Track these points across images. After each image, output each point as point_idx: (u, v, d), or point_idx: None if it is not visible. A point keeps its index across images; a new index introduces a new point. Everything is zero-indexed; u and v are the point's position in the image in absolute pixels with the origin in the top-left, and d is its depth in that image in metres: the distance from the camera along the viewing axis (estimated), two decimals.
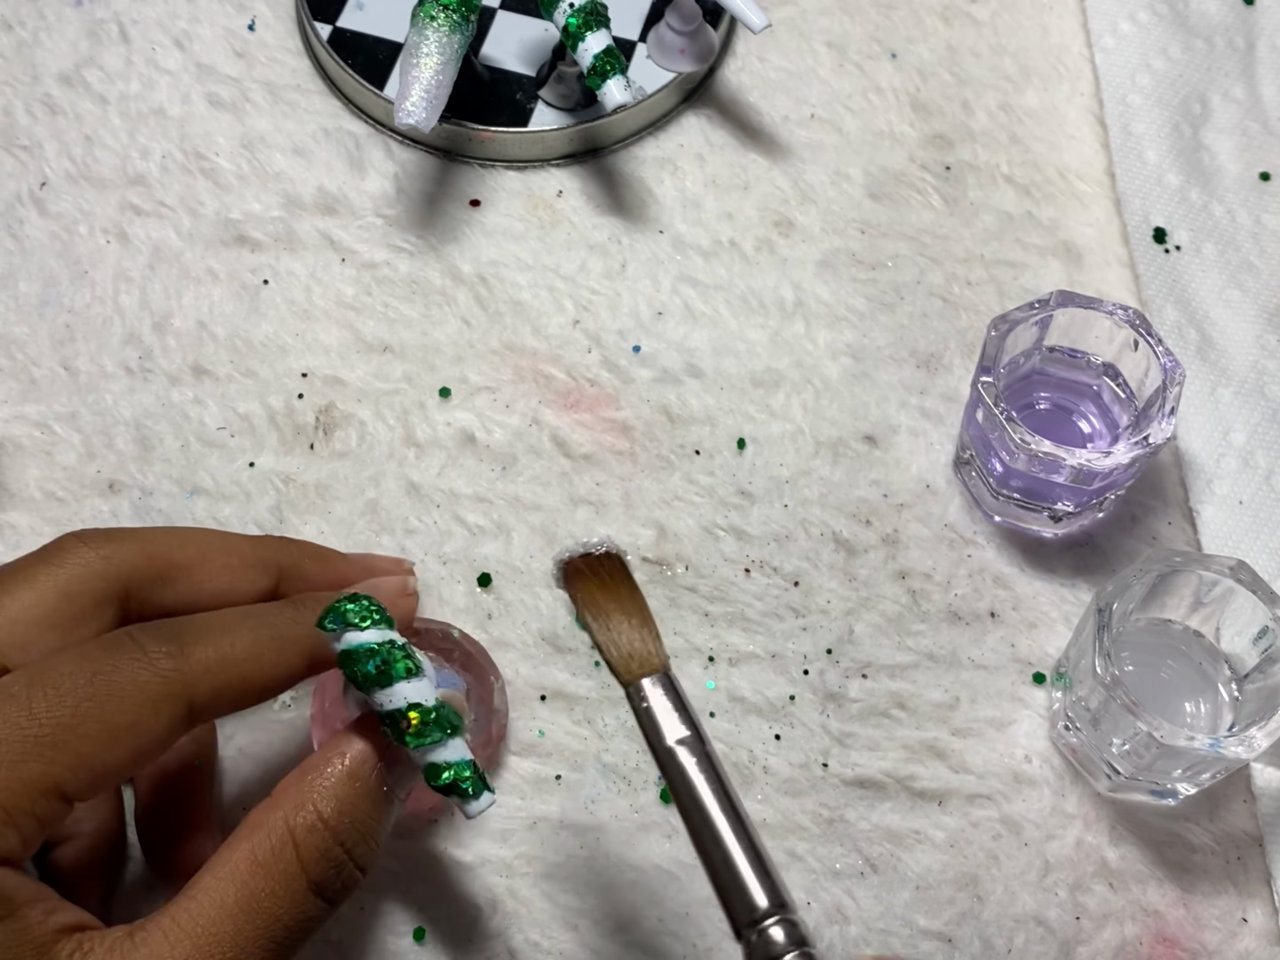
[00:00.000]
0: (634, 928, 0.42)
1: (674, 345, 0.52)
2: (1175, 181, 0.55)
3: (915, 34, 0.59)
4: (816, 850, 0.44)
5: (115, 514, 0.48)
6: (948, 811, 0.44)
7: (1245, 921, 0.43)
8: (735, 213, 0.55)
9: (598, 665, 0.46)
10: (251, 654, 0.34)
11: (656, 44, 0.55)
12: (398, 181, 0.55)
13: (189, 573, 0.37)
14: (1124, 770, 0.42)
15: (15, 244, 0.53)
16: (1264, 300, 0.52)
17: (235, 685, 0.34)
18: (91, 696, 0.32)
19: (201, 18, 0.58)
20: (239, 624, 0.35)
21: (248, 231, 0.53)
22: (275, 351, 0.51)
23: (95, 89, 0.56)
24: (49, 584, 0.35)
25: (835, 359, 0.52)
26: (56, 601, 0.35)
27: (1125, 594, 0.41)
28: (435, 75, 0.49)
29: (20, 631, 0.34)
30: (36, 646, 0.34)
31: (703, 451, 0.50)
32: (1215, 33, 0.58)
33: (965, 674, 0.46)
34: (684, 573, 0.48)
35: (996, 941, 0.43)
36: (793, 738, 0.45)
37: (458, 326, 0.52)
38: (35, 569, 0.36)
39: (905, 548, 0.48)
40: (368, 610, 0.34)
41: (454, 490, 0.49)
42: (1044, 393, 0.49)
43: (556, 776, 0.44)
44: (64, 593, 0.35)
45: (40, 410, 0.50)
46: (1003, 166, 0.56)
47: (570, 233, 0.54)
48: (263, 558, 0.39)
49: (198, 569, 0.38)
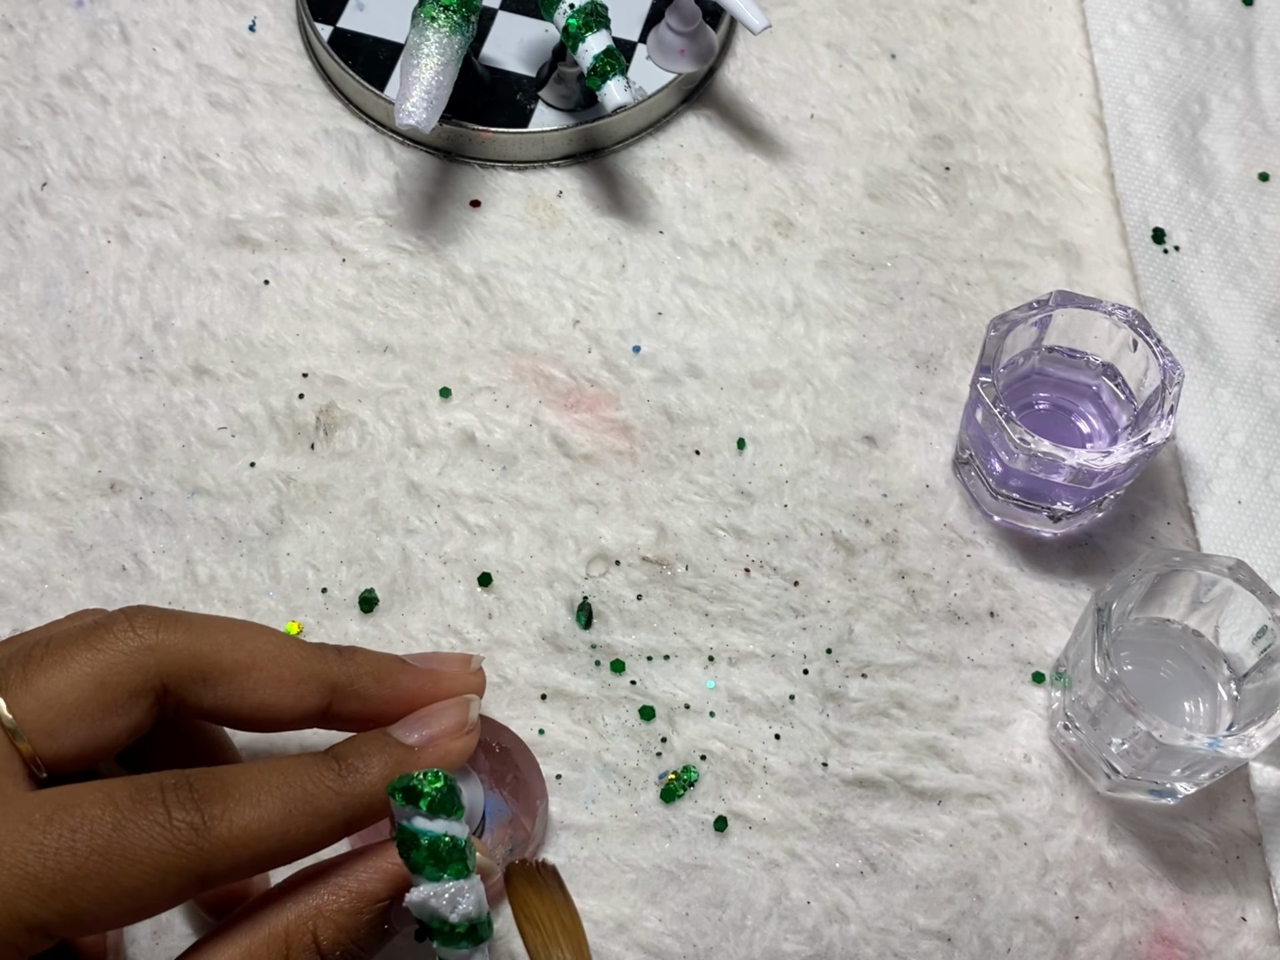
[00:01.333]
0: (634, 928, 0.42)
1: (674, 345, 0.52)
2: (1174, 182, 0.55)
3: (915, 35, 0.59)
4: (816, 850, 0.44)
5: (116, 514, 0.48)
6: (947, 811, 0.44)
7: (1244, 921, 0.43)
8: (735, 213, 0.55)
9: (598, 665, 0.46)
10: (280, 828, 0.33)
11: (656, 45, 0.55)
12: (398, 182, 0.55)
13: (234, 679, 0.36)
14: (1123, 769, 0.42)
15: (16, 244, 0.53)
16: (1263, 300, 0.52)
17: (255, 861, 0.33)
18: (105, 852, 0.30)
19: (202, 18, 0.58)
20: (273, 789, 0.33)
21: (248, 232, 0.53)
22: (276, 351, 0.51)
23: (96, 89, 0.56)
24: (86, 670, 0.34)
25: (835, 359, 0.52)
26: (91, 690, 0.34)
27: (1124, 594, 0.42)
28: (436, 76, 0.49)
29: (50, 718, 0.33)
30: (64, 735, 0.33)
31: (703, 451, 0.50)
32: (1214, 33, 0.58)
33: (965, 674, 0.46)
34: (684, 573, 0.48)
35: (996, 941, 0.43)
36: (793, 737, 0.45)
37: (458, 326, 0.52)
38: (75, 650, 0.34)
39: (905, 547, 0.48)
40: (444, 800, 0.32)
41: (454, 490, 0.49)
42: (1043, 393, 0.49)
43: (557, 776, 0.44)
44: (100, 682, 0.34)
45: (41, 410, 0.50)
46: (1002, 167, 0.56)
47: (570, 233, 0.54)
48: (316, 673, 0.37)
49: (244, 676, 0.36)
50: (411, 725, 0.37)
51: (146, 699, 0.35)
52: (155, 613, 0.36)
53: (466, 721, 0.37)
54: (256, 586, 0.47)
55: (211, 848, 0.32)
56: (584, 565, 0.48)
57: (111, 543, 0.47)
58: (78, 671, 0.34)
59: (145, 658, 0.34)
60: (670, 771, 0.45)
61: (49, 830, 0.30)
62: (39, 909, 0.30)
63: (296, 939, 0.33)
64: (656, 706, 0.45)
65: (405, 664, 0.39)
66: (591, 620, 0.47)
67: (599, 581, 0.47)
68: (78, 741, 0.34)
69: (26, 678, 0.34)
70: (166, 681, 0.35)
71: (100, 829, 0.31)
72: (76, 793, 0.32)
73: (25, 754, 0.33)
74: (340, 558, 0.48)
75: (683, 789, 0.44)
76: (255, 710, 0.36)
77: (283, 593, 0.47)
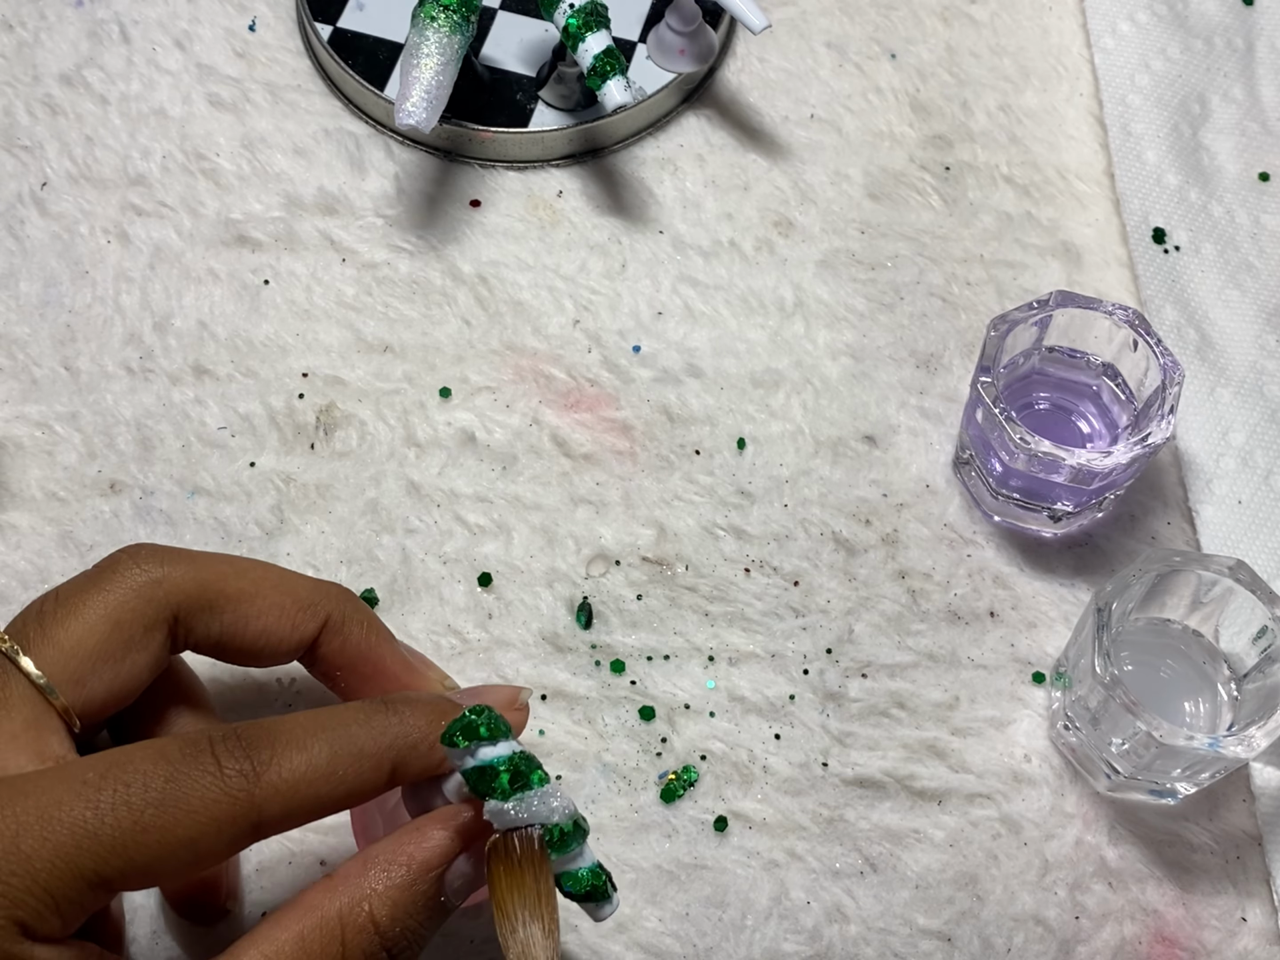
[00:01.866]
0: (634, 928, 0.42)
1: (674, 345, 0.52)
2: (1174, 182, 0.55)
3: (915, 34, 0.59)
4: (816, 850, 0.44)
5: (116, 514, 0.48)
6: (947, 811, 0.44)
7: (1244, 921, 0.43)
8: (735, 213, 0.55)
9: (598, 665, 0.46)
10: (327, 771, 0.33)
11: (656, 44, 0.55)
12: (398, 182, 0.55)
13: (238, 606, 0.37)
14: (1123, 770, 0.42)
15: (16, 244, 0.53)
16: (1263, 300, 0.52)
17: (306, 806, 0.33)
18: (159, 804, 0.31)
19: (202, 18, 0.58)
20: (319, 734, 0.33)
21: (248, 231, 0.53)
22: (276, 351, 0.51)
23: (96, 89, 0.56)
24: (100, 612, 0.35)
25: (835, 359, 0.52)
26: (108, 630, 0.35)
27: (1124, 594, 0.42)
28: (436, 76, 0.49)
29: (75, 667, 0.34)
30: (90, 679, 0.34)
31: (703, 451, 0.50)
32: (1214, 33, 0.58)
33: (965, 674, 0.46)
34: (684, 572, 0.48)
35: (996, 941, 0.43)
36: (793, 737, 0.45)
37: (458, 326, 0.52)
38: (86, 594, 0.35)
39: (905, 547, 0.48)
40: (496, 723, 0.33)
41: (454, 490, 0.49)
42: (1043, 393, 0.49)
43: (557, 776, 0.44)
44: (115, 621, 0.35)
45: (41, 410, 0.50)
46: (1002, 167, 0.56)
47: (570, 233, 0.54)
48: (315, 603, 0.38)
49: (248, 603, 0.37)
50: (460, 696, 0.37)
51: (160, 631, 0.36)
52: (157, 548, 0.37)
53: (517, 699, 0.38)
54: None
55: (263, 794, 0.32)
56: (584, 565, 0.48)
57: (111, 543, 0.47)
58: (92, 615, 0.35)
59: (154, 590, 0.36)
60: (670, 771, 0.45)
61: (104, 787, 0.31)
62: (100, 865, 0.30)
63: (351, 921, 0.33)
64: (656, 706, 0.45)
65: (394, 638, 0.40)
66: (591, 620, 0.47)
67: (599, 581, 0.47)
68: (105, 684, 0.35)
69: (44, 632, 0.35)
70: (176, 612, 0.36)
71: (154, 782, 0.31)
72: (127, 751, 0.32)
73: (59, 709, 0.34)
74: (340, 557, 0.48)
75: (683, 789, 0.44)
76: (258, 637, 0.37)
77: None
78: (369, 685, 0.39)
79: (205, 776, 0.31)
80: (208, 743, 0.32)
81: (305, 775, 0.33)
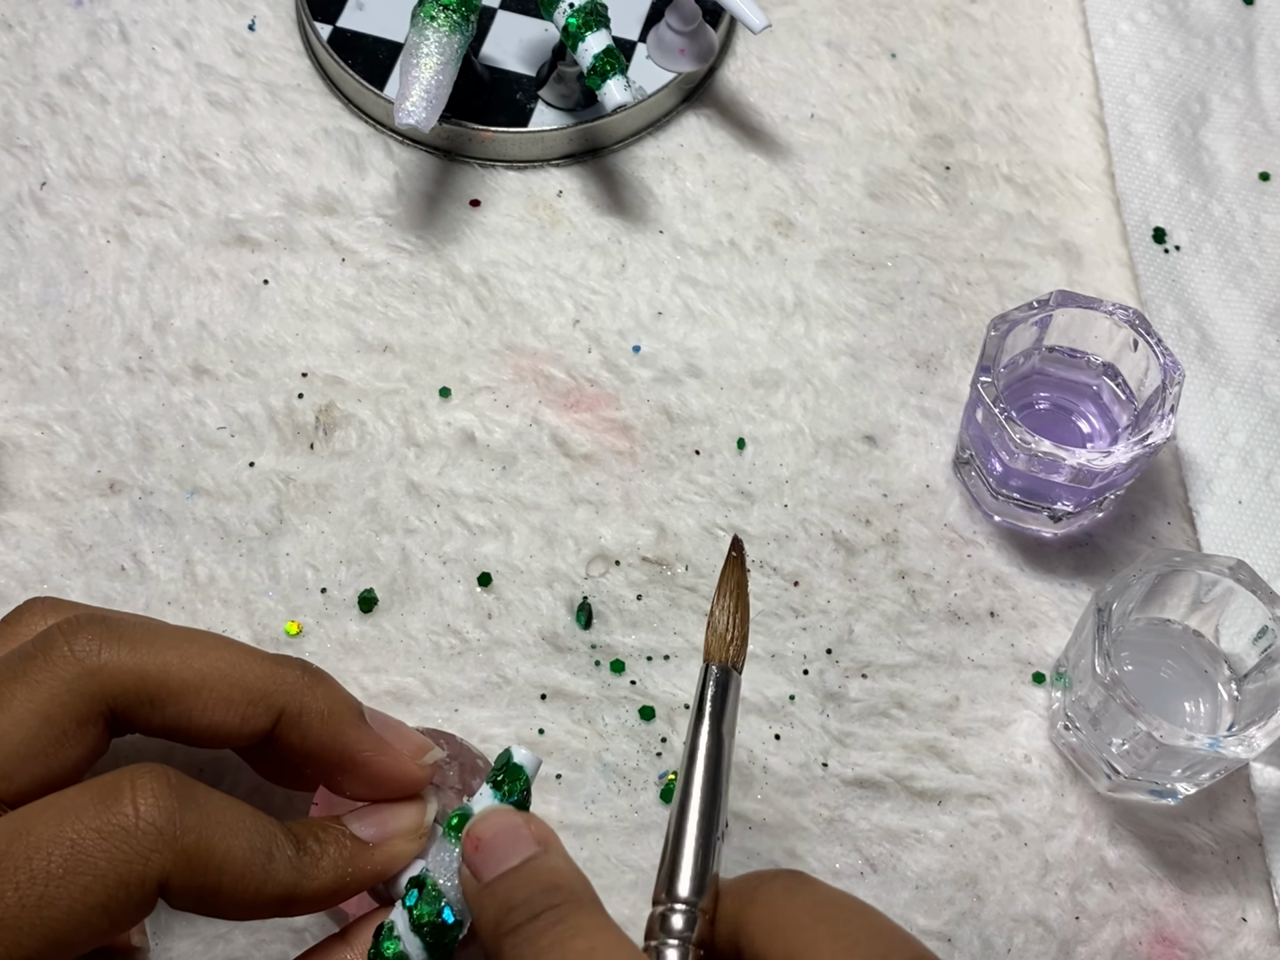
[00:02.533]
0: (634, 928, 0.42)
1: (674, 345, 0.52)
2: (1175, 181, 0.55)
3: (915, 34, 0.59)
4: (816, 850, 0.44)
5: (115, 514, 0.48)
6: (947, 811, 0.44)
7: (1245, 921, 0.43)
8: (735, 213, 0.55)
9: (598, 665, 0.46)
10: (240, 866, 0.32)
11: (656, 44, 0.55)
12: (398, 181, 0.55)
13: (181, 699, 0.34)
14: (1124, 770, 0.42)
15: (15, 244, 0.53)
16: (1263, 300, 0.52)
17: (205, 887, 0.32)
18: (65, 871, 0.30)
19: (201, 18, 0.58)
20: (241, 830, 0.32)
21: (248, 231, 0.53)
22: (275, 351, 0.51)
23: (95, 89, 0.56)
24: (28, 707, 0.32)
25: (835, 359, 0.52)
26: (37, 727, 0.32)
27: (1125, 594, 0.41)
28: (435, 75, 0.49)
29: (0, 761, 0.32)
30: (18, 775, 0.32)
31: (703, 451, 0.50)
32: (1215, 33, 0.58)
33: (965, 674, 0.46)
34: (684, 573, 0.48)
35: (996, 941, 0.43)
36: (793, 737, 0.45)
37: (458, 326, 0.52)
38: (13, 688, 0.33)
39: (905, 547, 0.48)
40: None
41: (454, 490, 0.49)
42: (1044, 393, 0.49)
43: (557, 776, 0.44)
44: (44, 717, 0.32)
45: (40, 410, 0.50)
46: (1002, 166, 0.56)
47: (570, 233, 0.54)
48: (269, 695, 0.35)
49: (193, 697, 0.34)
50: (368, 819, 0.36)
51: (96, 725, 0.33)
52: (96, 630, 0.34)
53: (422, 825, 0.36)
54: (256, 586, 0.47)
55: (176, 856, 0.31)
56: (584, 565, 0.48)
57: (111, 543, 0.47)
58: (19, 709, 0.32)
59: (87, 684, 0.33)
60: (670, 771, 0.45)
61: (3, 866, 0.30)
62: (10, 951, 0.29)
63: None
64: (656, 706, 0.45)
65: (360, 720, 0.36)
66: (591, 620, 0.47)
67: (599, 581, 0.47)
68: (34, 778, 0.32)
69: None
70: (114, 705, 0.33)
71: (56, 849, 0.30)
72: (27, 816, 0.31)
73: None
74: (340, 557, 0.48)
75: None
76: (203, 731, 0.34)
77: (282, 593, 0.47)
78: (339, 774, 0.36)
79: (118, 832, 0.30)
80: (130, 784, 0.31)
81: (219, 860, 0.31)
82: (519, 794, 0.35)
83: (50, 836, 0.30)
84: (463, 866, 0.33)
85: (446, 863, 0.34)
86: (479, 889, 0.33)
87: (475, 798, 0.35)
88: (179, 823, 0.31)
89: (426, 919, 0.33)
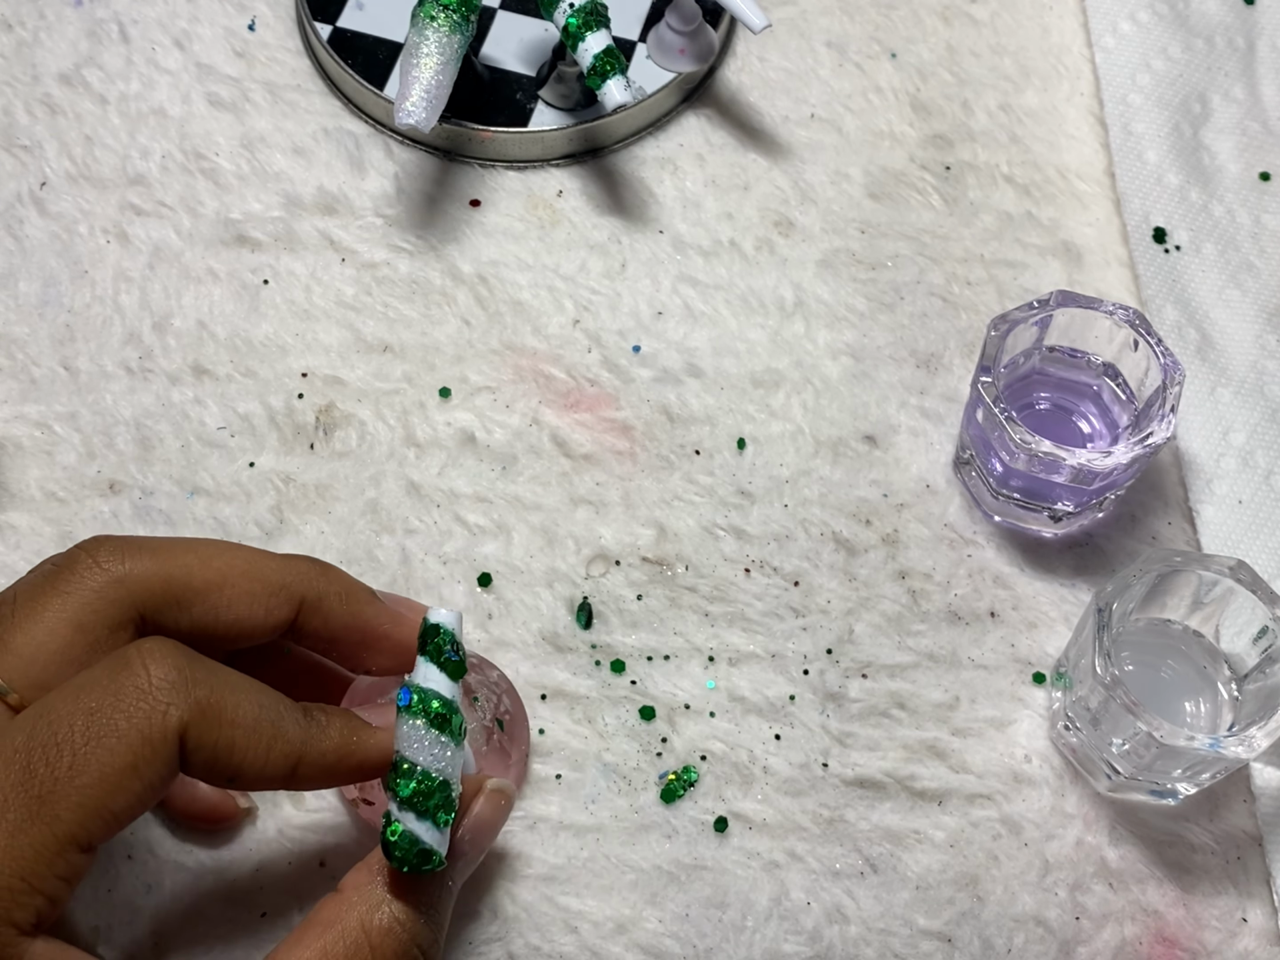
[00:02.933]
0: (634, 928, 0.42)
1: (674, 345, 0.52)
2: (1175, 181, 0.55)
3: (915, 34, 0.59)
4: (816, 850, 0.44)
5: (115, 514, 0.48)
6: (948, 811, 0.44)
7: (1245, 921, 0.43)
8: (735, 213, 0.55)
9: (598, 665, 0.46)
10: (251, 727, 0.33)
11: (656, 44, 0.55)
12: (398, 181, 0.55)
13: (206, 598, 0.35)
14: (1124, 770, 0.42)
15: (15, 244, 0.53)
16: (1264, 300, 0.52)
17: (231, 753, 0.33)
18: (88, 739, 0.30)
19: (201, 18, 0.58)
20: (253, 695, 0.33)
21: (248, 231, 0.53)
22: (275, 351, 0.51)
23: (95, 89, 0.56)
24: (60, 616, 0.34)
25: (835, 359, 0.52)
26: (69, 635, 0.33)
27: (1125, 594, 0.41)
28: (435, 75, 0.49)
29: (37, 672, 0.33)
30: (56, 683, 0.33)
31: (703, 451, 0.50)
32: (1215, 32, 0.58)
33: (965, 674, 0.46)
34: (684, 573, 0.48)
35: (996, 941, 0.43)
36: (793, 738, 0.45)
37: (458, 326, 0.52)
38: (45, 599, 0.34)
39: (905, 548, 0.48)
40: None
41: (454, 490, 0.49)
42: (1044, 393, 0.49)
43: (556, 776, 0.44)
44: (76, 624, 0.34)
45: (40, 410, 0.50)
46: (1003, 166, 0.56)
47: (570, 233, 0.54)
48: (287, 585, 0.37)
49: (216, 594, 0.35)
50: (371, 715, 0.37)
51: (126, 630, 0.34)
52: (118, 542, 0.35)
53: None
54: None
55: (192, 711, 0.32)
56: (584, 565, 0.48)
57: None
58: (52, 619, 0.34)
59: (116, 591, 0.34)
60: (670, 772, 0.45)
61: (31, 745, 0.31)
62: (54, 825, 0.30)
63: (375, 927, 0.33)
64: (656, 706, 0.45)
65: (375, 598, 0.39)
66: (591, 620, 0.47)
67: (599, 581, 0.47)
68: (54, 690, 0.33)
69: (2, 639, 0.33)
70: (142, 610, 0.35)
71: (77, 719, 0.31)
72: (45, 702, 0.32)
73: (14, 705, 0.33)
74: (340, 558, 0.47)
75: (683, 789, 0.44)
76: (230, 627, 0.36)
77: None
78: (363, 651, 0.38)
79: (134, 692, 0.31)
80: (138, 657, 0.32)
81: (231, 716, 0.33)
82: (448, 650, 0.35)
83: (69, 710, 0.31)
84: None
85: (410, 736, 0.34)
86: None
87: (414, 671, 0.35)
88: (190, 678, 0.32)
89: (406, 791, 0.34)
